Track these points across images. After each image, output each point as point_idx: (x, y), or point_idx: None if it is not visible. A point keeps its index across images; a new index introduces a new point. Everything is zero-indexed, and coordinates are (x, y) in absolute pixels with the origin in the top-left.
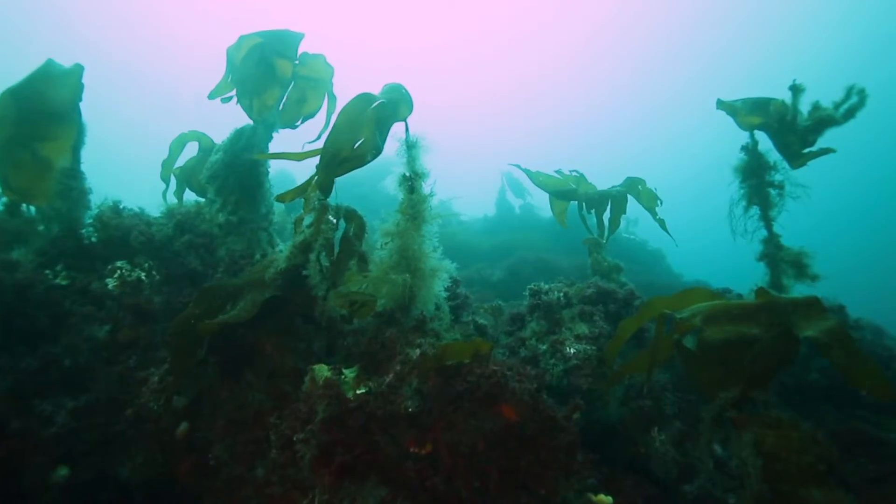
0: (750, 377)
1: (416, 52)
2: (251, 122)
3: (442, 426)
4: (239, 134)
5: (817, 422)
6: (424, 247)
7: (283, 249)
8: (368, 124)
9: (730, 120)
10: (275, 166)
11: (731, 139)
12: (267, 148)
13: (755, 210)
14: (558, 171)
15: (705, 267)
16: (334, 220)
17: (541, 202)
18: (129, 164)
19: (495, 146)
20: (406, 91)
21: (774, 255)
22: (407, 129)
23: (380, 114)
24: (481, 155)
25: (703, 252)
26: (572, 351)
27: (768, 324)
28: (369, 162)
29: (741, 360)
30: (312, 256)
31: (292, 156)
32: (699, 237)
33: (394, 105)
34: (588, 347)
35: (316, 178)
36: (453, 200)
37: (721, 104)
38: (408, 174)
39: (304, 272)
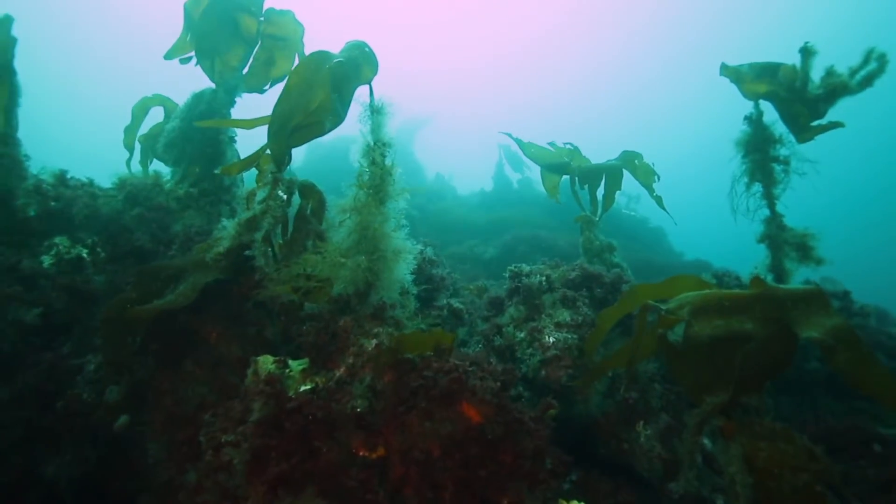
0: (741, 380)
1: (411, 12)
2: (213, 85)
3: (394, 428)
4: (197, 99)
5: (815, 414)
6: (387, 226)
7: (228, 227)
8: (323, 85)
9: (734, 90)
10: (259, 136)
11: (735, 111)
12: (229, 114)
13: (757, 187)
14: (551, 144)
15: (708, 245)
16: (284, 196)
17: (539, 176)
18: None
19: (496, 118)
20: (370, 49)
21: (776, 236)
22: (371, 93)
23: (338, 74)
24: (481, 127)
25: (707, 230)
26: (551, 340)
27: (763, 319)
28: (329, 130)
29: (731, 361)
30: (258, 235)
31: (241, 123)
32: (702, 214)
33: (355, 65)
34: (569, 336)
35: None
36: (450, 174)
37: (725, 69)
38: (371, 143)
39: (248, 253)
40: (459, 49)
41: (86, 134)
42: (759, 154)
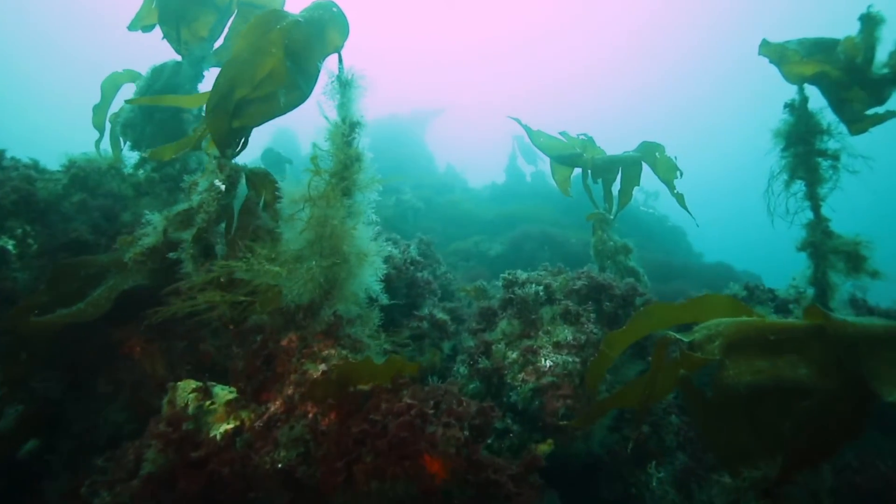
0: (793, 450)
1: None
2: (179, 58)
3: (333, 489)
4: (157, 73)
5: (859, 454)
6: (352, 222)
7: (155, 221)
8: (274, 50)
9: (769, 74)
10: (274, 123)
11: (767, 97)
12: (196, 89)
13: (799, 186)
14: (563, 133)
15: (728, 245)
16: (222, 186)
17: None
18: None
19: (514, 110)
20: (338, 10)
21: (821, 243)
22: (340, 63)
23: (294, 37)
24: (498, 119)
25: (727, 228)
26: (548, 364)
27: (824, 364)
28: (288, 108)
29: (780, 421)
30: (187, 235)
31: (182, 100)
32: (722, 212)
33: (318, 27)
34: (570, 359)
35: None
36: (463, 168)
37: (766, 47)
38: (340, 122)
39: (172, 255)
40: (479, 39)
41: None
42: (802, 147)
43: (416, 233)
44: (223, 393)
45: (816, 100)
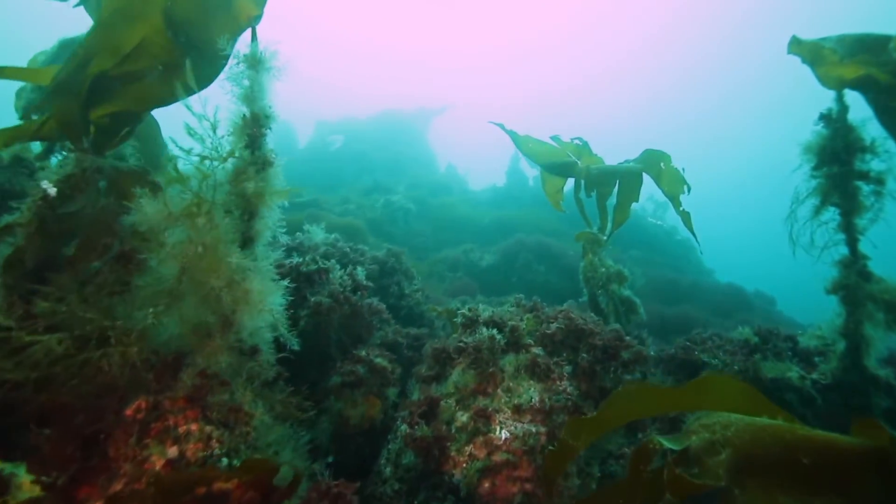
0: None
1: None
2: None
3: None
4: (64, 47)
5: None
6: (239, 249)
7: None
8: (152, 16)
9: (766, 82)
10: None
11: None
12: None
13: (831, 213)
14: (555, 138)
15: (741, 259)
16: (52, 191)
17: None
18: None
19: (522, 113)
20: None
21: (857, 287)
22: (254, 38)
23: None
24: (504, 121)
25: (740, 241)
26: (504, 435)
27: None
28: (172, 94)
29: None
30: None
31: (26, 73)
32: (735, 222)
33: None
34: (532, 429)
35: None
36: (466, 170)
37: (796, 45)
38: (246, 114)
39: None
40: (495, 43)
41: None
42: (838, 166)
43: (407, 237)
44: (28, 484)
45: (858, 109)
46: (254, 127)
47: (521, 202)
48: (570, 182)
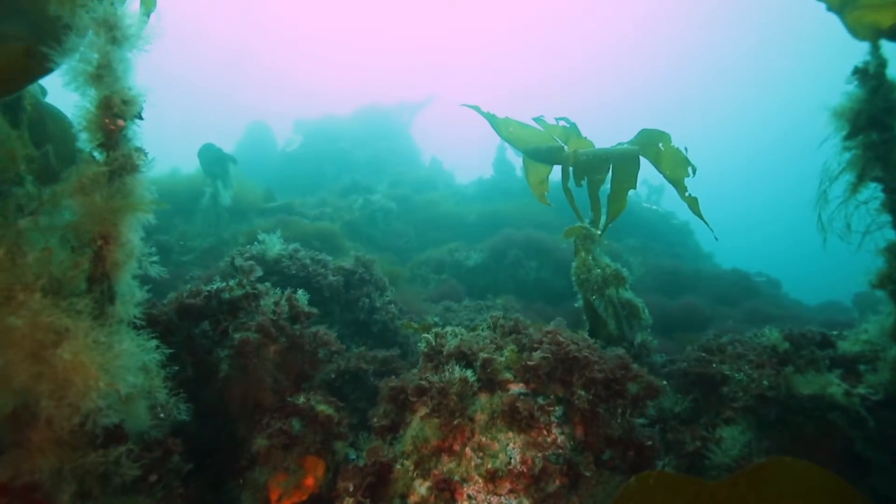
0: None
1: None
2: None
3: None
4: None
5: None
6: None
7: None
8: None
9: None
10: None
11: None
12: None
13: (872, 191)
14: (538, 120)
15: (739, 241)
16: None
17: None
18: None
19: (508, 103)
20: None
21: None
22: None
23: None
24: (491, 110)
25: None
26: None
27: None
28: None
29: None
30: None
31: None
32: (730, 204)
33: None
34: (511, 503)
35: None
36: (452, 165)
37: None
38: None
39: None
40: (478, 31)
41: None
42: (878, 133)
43: (388, 238)
44: None
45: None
46: (105, 117)
47: (509, 193)
48: (558, 171)
